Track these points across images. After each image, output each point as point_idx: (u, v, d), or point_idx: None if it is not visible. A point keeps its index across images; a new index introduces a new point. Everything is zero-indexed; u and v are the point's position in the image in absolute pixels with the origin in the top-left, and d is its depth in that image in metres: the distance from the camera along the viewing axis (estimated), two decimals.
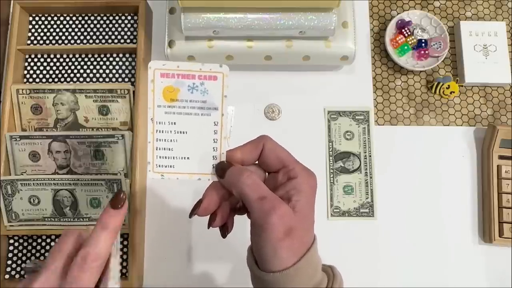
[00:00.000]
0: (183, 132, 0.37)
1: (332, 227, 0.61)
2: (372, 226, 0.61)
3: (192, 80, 0.36)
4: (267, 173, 0.38)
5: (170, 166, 0.37)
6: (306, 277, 0.34)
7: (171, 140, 0.37)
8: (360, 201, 0.62)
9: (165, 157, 0.37)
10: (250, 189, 0.34)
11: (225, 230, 0.39)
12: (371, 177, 0.62)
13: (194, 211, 0.37)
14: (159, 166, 0.37)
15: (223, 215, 0.38)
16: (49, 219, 0.58)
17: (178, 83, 0.36)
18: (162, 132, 0.36)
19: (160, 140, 0.37)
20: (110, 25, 0.65)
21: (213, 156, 0.37)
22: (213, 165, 0.37)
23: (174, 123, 0.36)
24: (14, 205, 0.57)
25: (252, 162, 0.37)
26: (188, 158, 0.37)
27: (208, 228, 0.38)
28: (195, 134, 0.37)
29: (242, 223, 0.61)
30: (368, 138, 0.63)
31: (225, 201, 0.38)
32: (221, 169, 0.36)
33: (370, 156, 0.63)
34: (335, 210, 0.61)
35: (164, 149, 0.37)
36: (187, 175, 0.37)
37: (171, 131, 0.36)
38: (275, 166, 0.36)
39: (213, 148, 0.37)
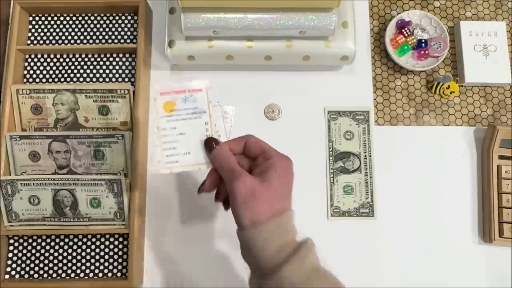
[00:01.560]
0: (182, 133, 0.46)
1: (332, 227, 0.61)
2: (372, 226, 0.61)
3: (183, 94, 0.46)
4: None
5: (175, 162, 0.45)
6: (275, 237, 0.39)
7: (173, 141, 0.46)
8: (360, 201, 0.62)
9: (171, 155, 0.45)
10: (224, 162, 0.43)
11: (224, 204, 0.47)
12: (371, 177, 0.62)
13: (201, 188, 0.46)
14: (167, 163, 0.45)
15: (225, 191, 0.45)
16: (49, 219, 0.58)
17: (173, 97, 0.46)
18: (166, 136, 0.45)
19: (165, 142, 0.45)
20: (110, 25, 0.65)
21: None
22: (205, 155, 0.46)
23: (175, 128, 0.46)
24: (14, 205, 0.57)
25: (238, 153, 0.44)
26: (189, 153, 0.46)
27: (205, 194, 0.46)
28: (192, 133, 0.46)
29: None
30: (368, 138, 0.63)
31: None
32: (208, 145, 0.44)
33: (370, 156, 0.63)
34: (335, 210, 0.61)
35: (169, 149, 0.45)
36: (190, 166, 0.46)
37: (173, 134, 0.46)
38: (256, 153, 0.44)
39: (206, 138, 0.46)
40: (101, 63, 0.64)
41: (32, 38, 0.65)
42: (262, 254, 0.39)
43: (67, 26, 0.65)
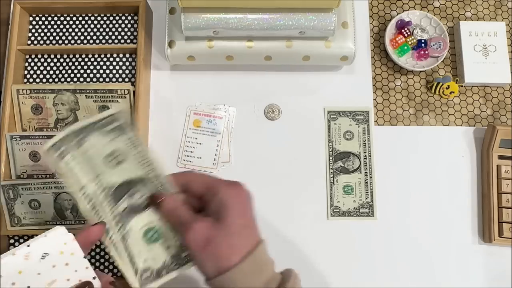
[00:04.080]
0: (200, 143, 0.63)
1: (332, 227, 0.61)
2: (372, 226, 0.61)
3: (209, 117, 0.63)
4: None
5: (190, 161, 0.62)
6: (254, 276, 0.36)
7: (192, 147, 0.63)
8: (360, 201, 0.62)
9: (188, 156, 0.62)
10: (172, 217, 0.40)
11: None
12: (371, 177, 0.62)
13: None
14: (184, 160, 0.62)
15: None
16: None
17: (201, 118, 0.63)
18: (189, 142, 0.62)
19: (187, 146, 0.62)
20: (110, 25, 0.65)
21: (214, 158, 0.62)
22: (213, 163, 0.62)
23: (196, 138, 0.63)
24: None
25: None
26: (200, 157, 0.63)
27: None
28: (206, 145, 0.63)
29: None
30: (368, 138, 0.63)
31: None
32: (154, 203, 0.40)
33: (370, 156, 0.63)
34: (335, 210, 0.61)
35: (188, 151, 0.62)
36: (199, 167, 0.62)
37: (194, 142, 0.63)
38: (200, 191, 0.40)
39: (215, 153, 0.63)
40: (101, 63, 0.64)
41: (32, 38, 0.65)
42: None
43: (67, 26, 0.65)
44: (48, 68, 0.64)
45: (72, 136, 0.38)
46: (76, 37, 0.65)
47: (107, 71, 0.64)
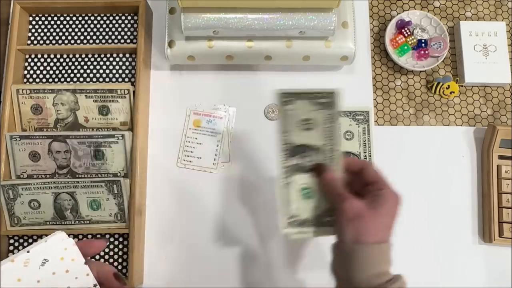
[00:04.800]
0: (200, 143, 0.63)
1: None
2: None
3: (208, 117, 0.64)
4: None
5: (190, 162, 0.63)
6: (375, 261, 0.40)
7: (192, 147, 0.63)
8: None
9: (188, 156, 0.63)
10: (332, 186, 0.44)
11: None
12: None
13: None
14: (184, 160, 0.63)
15: None
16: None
17: (201, 118, 0.64)
18: (189, 142, 0.63)
19: (187, 146, 0.63)
20: (110, 25, 0.65)
21: (214, 158, 0.63)
22: (213, 163, 0.63)
23: (196, 138, 0.63)
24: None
25: (353, 170, 0.46)
26: (200, 157, 0.63)
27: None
28: (206, 145, 0.63)
29: (239, 227, 0.61)
30: (368, 138, 0.63)
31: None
32: (317, 170, 0.45)
33: (370, 156, 0.63)
34: None
35: (188, 151, 0.63)
36: (199, 167, 0.63)
37: (194, 142, 0.63)
38: (370, 180, 0.45)
39: (215, 153, 0.63)
40: (101, 63, 0.64)
41: (32, 38, 0.65)
42: (358, 273, 0.40)
43: (67, 26, 0.65)
44: (48, 68, 0.64)
45: (285, 95, 0.45)
46: (75, 37, 0.65)
47: (107, 71, 0.64)
